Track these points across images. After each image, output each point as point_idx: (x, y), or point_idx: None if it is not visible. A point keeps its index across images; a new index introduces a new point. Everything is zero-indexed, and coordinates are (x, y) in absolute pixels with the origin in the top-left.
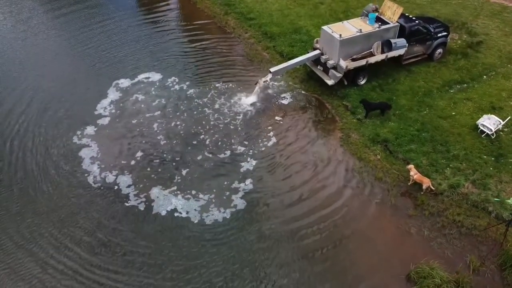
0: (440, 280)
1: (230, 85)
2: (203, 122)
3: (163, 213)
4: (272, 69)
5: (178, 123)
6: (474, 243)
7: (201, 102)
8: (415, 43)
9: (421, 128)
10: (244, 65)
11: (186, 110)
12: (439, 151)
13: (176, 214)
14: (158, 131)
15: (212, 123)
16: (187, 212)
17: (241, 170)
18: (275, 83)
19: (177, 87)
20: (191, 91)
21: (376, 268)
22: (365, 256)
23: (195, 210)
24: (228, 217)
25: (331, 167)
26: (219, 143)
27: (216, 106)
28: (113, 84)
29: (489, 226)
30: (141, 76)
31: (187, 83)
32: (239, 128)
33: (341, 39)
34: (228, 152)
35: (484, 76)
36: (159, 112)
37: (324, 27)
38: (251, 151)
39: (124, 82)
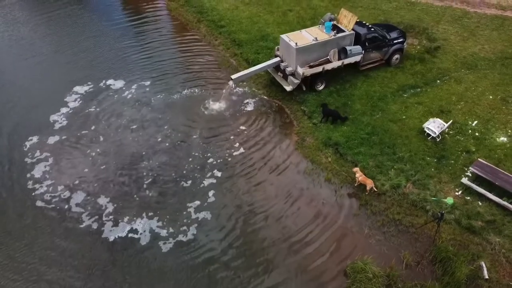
0: (372, 275)
1: (196, 91)
2: (165, 132)
3: (112, 238)
4: (233, 76)
5: (138, 133)
6: (410, 240)
7: (164, 110)
8: (372, 50)
9: (372, 131)
10: (211, 72)
11: (147, 119)
12: (386, 153)
13: (131, 235)
14: (117, 141)
15: (174, 132)
16: (144, 232)
17: (204, 183)
18: (239, 89)
19: (140, 94)
20: (154, 98)
21: (318, 265)
22: (309, 254)
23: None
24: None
25: (285, 171)
26: (181, 153)
27: (180, 113)
28: (72, 90)
29: (423, 224)
30: (103, 83)
31: (148, 89)
32: (202, 136)
33: (297, 47)
34: (190, 164)
35: (438, 81)
36: (119, 122)
37: (283, 36)
38: (216, 161)
39: (84, 89)
